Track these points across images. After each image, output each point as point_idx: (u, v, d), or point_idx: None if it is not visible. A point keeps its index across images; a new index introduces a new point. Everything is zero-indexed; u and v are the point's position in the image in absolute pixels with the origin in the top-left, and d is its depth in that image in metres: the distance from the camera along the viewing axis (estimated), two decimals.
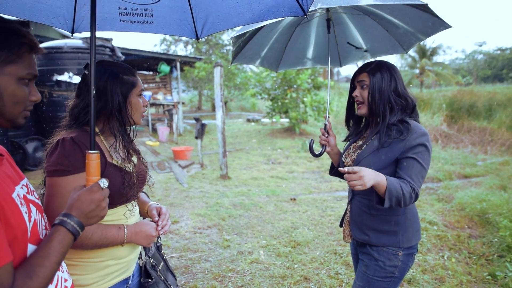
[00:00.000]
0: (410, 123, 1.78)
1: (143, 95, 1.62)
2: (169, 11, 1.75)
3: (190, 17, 1.79)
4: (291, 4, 1.57)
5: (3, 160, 0.99)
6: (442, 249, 4.15)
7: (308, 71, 12.80)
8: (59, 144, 1.35)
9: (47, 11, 1.62)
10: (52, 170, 1.33)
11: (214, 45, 27.20)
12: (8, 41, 0.90)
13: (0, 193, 0.86)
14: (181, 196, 6.35)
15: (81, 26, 1.77)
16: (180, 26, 1.84)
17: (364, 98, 1.89)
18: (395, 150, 1.77)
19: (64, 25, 1.72)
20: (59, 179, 1.32)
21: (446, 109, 13.77)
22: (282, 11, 1.62)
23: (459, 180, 7.27)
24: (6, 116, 0.94)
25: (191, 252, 4.14)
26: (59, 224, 0.97)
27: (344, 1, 1.83)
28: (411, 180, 1.70)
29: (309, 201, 6.06)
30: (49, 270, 0.89)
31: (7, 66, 0.90)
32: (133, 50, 14.03)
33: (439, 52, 36.76)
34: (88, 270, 1.42)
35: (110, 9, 1.66)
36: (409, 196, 1.67)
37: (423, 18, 2.13)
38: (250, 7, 1.64)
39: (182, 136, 14.71)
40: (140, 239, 1.49)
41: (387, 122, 1.81)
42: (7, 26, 0.91)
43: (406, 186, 1.68)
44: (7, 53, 0.90)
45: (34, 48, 0.96)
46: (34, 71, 0.97)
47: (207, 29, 1.84)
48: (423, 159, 1.73)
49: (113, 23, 1.73)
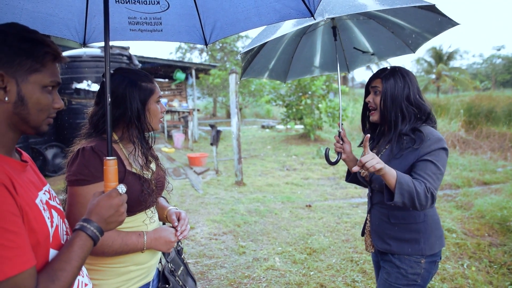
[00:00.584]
0: (423, 131, 1.75)
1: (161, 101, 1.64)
2: (178, 18, 1.78)
3: (199, 24, 1.82)
4: (298, 6, 1.57)
5: (27, 166, 1.02)
6: (462, 257, 4.06)
7: (322, 77, 12.77)
8: (79, 154, 1.38)
9: (59, 24, 1.67)
10: (73, 179, 1.36)
11: (228, 52, 27.40)
12: (32, 50, 0.93)
13: (25, 199, 0.88)
14: (197, 203, 6.39)
15: (92, 37, 1.82)
16: (189, 33, 1.87)
17: (376, 104, 1.88)
18: (410, 159, 1.75)
19: (76, 37, 1.78)
20: (80, 188, 1.35)
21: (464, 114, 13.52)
22: (289, 13, 1.62)
23: (478, 187, 7.12)
24: (30, 123, 0.97)
25: (207, 258, 4.16)
26: (80, 229, 0.99)
27: (350, 9, 1.82)
28: (425, 179, 1.66)
29: (324, 207, 6.02)
30: (70, 274, 0.92)
31: (31, 75, 0.93)
32: (149, 58, 14.26)
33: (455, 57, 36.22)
34: (111, 275, 1.45)
35: (120, 19, 1.71)
36: (424, 195, 1.61)
37: (429, 17, 2.12)
38: (257, 11, 1.66)
39: (197, 142, 14.81)
40: (160, 245, 1.51)
41: (398, 131, 1.80)
42: (32, 36, 0.94)
43: (420, 184, 1.63)
44: (32, 62, 0.93)
45: (58, 57, 0.99)
46: (58, 79, 1.00)
47: (216, 35, 1.86)
48: (438, 160, 1.69)
49: (124, 32, 1.77)
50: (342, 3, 1.87)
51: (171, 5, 1.69)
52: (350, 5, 1.83)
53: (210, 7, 1.74)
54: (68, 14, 1.65)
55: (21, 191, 0.88)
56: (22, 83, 0.92)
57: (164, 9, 1.69)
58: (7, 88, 0.91)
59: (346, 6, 1.83)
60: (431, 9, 1.99)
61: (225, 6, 1.70)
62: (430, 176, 1.67)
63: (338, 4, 1.85)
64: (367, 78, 2.14)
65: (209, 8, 1.74)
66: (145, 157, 1.56)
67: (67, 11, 1.64)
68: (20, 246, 0.81)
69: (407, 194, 1.61)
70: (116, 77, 1.49)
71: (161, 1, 1.66)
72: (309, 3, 1.54)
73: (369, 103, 1.92)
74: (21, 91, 0.92)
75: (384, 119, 1.86)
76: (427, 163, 1.69)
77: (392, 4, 1.81)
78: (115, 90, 1.46)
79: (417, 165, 1.72)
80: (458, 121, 12.94)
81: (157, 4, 1.67)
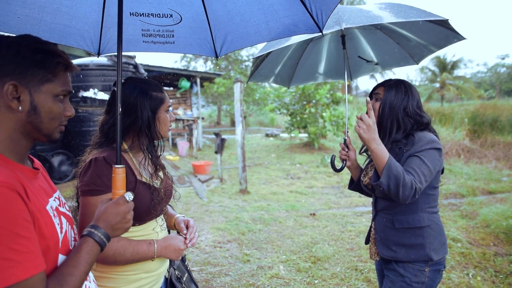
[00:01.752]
0: (415, 135, 1.81)
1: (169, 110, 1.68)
2: (190, 31, 1.83)
3: (210, 37, 1.87)
4: (307, 22, 1.62)
5: (39, 173, 1.05)
6: (467, 267, 4.05)
7: (326, 85, 12.83)
8: (91, 164, 1.40)
9: (75, 35, 1.73)
10: (85, 189, 1.38)
11: (233, 61, 27.58)
12: (45, 61, 0.97)
13: (36, 206, 0.91)
14: (201, 210, 6.41)
15: (107, 48, 1.88)
16: (200, 46, 1.92)
17: (375, 109, 1.94)
18: (403, 160, 1.80)
19: (91, 47, 1.83)
20: (92, 198, 1.37)
21: (468, 123, 13.47)
22: (298, 29, 1.67)
23: (483, 196, 7.09)
24: (43, 131, 1.00)
25: (211, 266, 4.17)
26: (87, 235, 1.02)
27: (367, 20, 1.86)
28: (409, 173, 1.69)
29: (329, 216, 6.02)
30: (78, 279, 0.94)
31: (44, 85, 0.97)
32: (154, 66, 14.39)
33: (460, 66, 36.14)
34: (122, 283, 1.47)
35: (133, 31, 1.76)
36: (410, 187, 1.64)
37: (437, 31, 2.15)
38: (267, 26, 1.70)
39: (201, 150, 14.86)
40: (170, 253, 1.53)
41: (392, 139, 1.86)
42: (44, 47, 0.98)
43: (408, 175, 1.67)
44: (44, 72, 0.96)
45: (69, 67, 1.03)
46: (69, 88, 1.04)
47: (226, 48, 1.91)
48: (426, 157, 1.72)
49: (137, 44, 1.82)
50: (358, 13, 1.91)
51: (184, 18, 1.75)
52: (366, 16, 1.88)
53: (221, 21, 1.79)
54: (84, 25, 1.71)
55: (32, 198, 0.91)
56: (35, 93, 0.96)
57: (176, 22, 1.75)
58: (21, 98, 0.94)
59: (362, 17, 1.87)
60: (443, 23, 2.03)
61: (236, 20, 1.75)
62: (415, 170, 1.70)
63: (353, 15, 1.89)
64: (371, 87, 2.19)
65: (220, 22, 1.79)
66: (154, 166, 1.59)
67: (83, 23, 1.69)
68: (31, 251, 0.84)
69: (393, 179, 1.64)
70: (127, 87, 1.52)
71: (174, 14, 1.71)
72: (317, 19, 1.58)
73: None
74: (34, 101, 0.96)
75: (380, 125, 1.92)
76: (413, 158, 1.74)
77: (406, 17, 1.85)
78: (126, 99, 1.49)
79: (406, 162, 1.76)
80: (462, 130, 12.89)
81: (170, 17, 1.72)
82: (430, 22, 2.05)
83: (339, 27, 1.81)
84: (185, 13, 1.75)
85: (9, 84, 0.92)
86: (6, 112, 0.94)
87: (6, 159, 0.95)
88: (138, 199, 1.44)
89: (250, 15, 1.70)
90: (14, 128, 0.96)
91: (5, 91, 0.92)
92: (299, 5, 1.59)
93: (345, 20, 1.84)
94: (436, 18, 1.91)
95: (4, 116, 0.94)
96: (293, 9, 1.62)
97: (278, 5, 1.64)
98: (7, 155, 0.96)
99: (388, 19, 1.84)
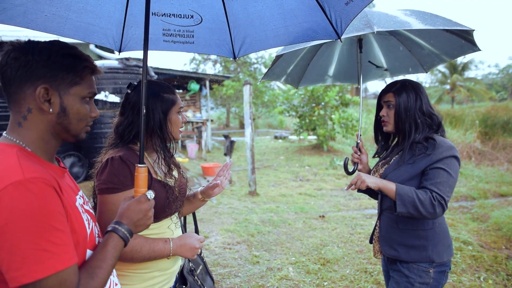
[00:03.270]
0: (436, 139, 1.81)
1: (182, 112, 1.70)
2: (209, 32, 1.87)
3: (229, 38, 1.90)
4: (326, 28, 1.65)
5: (66, 172, 1.10)
6: (478, 270, 4.01)
7: (336, 88, 12.79)
8: (108, 163, 1.44)
9: (99, 33, 1.78)
10: (103, 188, 1.42)
11: (242, 63, 27.65)
12: (74, 65, 1.02)
13: (68, 202, 0.96)
14: (211, 212, 6.44)
15: (128, 46, 1.93)
16: (219, 46, 1.96)
17: (390, 117, 1.93)
18: (421, 165, 1.80)
19: (113, 45, 1.89)
20: (110, 196, 1.41)
21: (480, 125, 13.33)
22: (317, 35, 1.70)
23: (495, 198, 7.02)
24: (71, 132, 1.06)
25: (221, 267, 4.19)
26: (112, 231, 1.07)
27: (396, 25, 1.86)
28: (435, 187, 1.71)
29: (338, 218, 6.01)
30: (106, 272, 0.99)
31: (72, 88, 1.02)
32: (164, 69, 14.49)
33: (471, 67, 35.78)
34: (136, 280, 1.51)
35: (155, 30, 1.80)
36: (429, 203, 1.67)
37: (452, 40, 2.14)
38: (287, 30, 1.73)
39: (210, 152, 14.92)
40: (185, 251, 1.56)
41: (412, 140, 1.85)
42: (73, 52, 1.03)
43: (425, 193, 1.69)
44: (73, 76, 1.02)
45: (95, 71, 1.08)
46: (94, 90, 1.09)
47: (244, 50, 1.94)
48: (451, 168, 1.74)
49: (157, 43, 1.87)
50: (386, 18, 1.91)
51: (204, 19, 1.79)
52: (394, 21, 1.88)
53: (241, 23, 1.82)
54: (108, 24, 1.76)
55: (65, 194, 0.96)
56: (64, 96, 1.01)
57: (197, 23, 1.79)
58: (51, 100, 0.99)
59: (391, 22, 1.88)
60: (463, 33, 2.02)
61: (256, 23, 1.78)
62: (441, 183, 1.72)
63: (382, 19, 1.89)
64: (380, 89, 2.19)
65: (240, 24, 1.83)
66: (167, 165, 1.62)
67: (107, 21, 1.75)
68: (66, 243, 0.89)
69: (409, 204, 1.68)
70: (139, 89, 1.56)
71: (194, 15, 1.76)
72: (336, 26, 1.61)
73: (383, 117, 1.97)
74: (63, 103, 1.01)
75: (398, 130, 1.92)
76: (439, 171, 1.74)
77: (434, 24, 1.85)
78: (138, 101, 1.53)
79: (429, 173, 1.76)
80: (473, 132, 12.77)
81: (191, 18, 1.76)
82: (447, 31, 2.05)
83: (371, 30, 1.81)
84: (205, 14, 1.79)
85: (41, 87, 0.97)
86: (37, 114, 1.00)
87: (39, 158, 1.00)
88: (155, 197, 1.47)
89: (270, 19, 1.73)
90: (45, 129, 1.01)
91: (37, 94, 0.97)
92: (319, 12, 1.62)
93: (375, 24, 1.84)
94: (462, 28, 1.90)
95: (36, 118, 1.00)
96: (313, 16, 1.65)
97: (299, 11, 1.67)
98: (39, 155, 1.01)
99: (416, 26, 1.84)
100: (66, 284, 0.87)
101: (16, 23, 1.51)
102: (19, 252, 0.82)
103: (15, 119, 1.00)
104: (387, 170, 1.92)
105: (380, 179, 1.79)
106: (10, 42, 0.99)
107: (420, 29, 1.88)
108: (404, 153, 1.85)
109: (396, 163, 1.90)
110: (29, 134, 1.00)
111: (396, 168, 1.88)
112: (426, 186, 1.73)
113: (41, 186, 0.87)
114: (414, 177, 1.82)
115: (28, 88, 0.97)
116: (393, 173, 1.88)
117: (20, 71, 0.96)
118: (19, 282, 0.82)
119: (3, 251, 0.82)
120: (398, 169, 1.86)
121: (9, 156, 0.92)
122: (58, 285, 0.86)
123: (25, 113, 0.99)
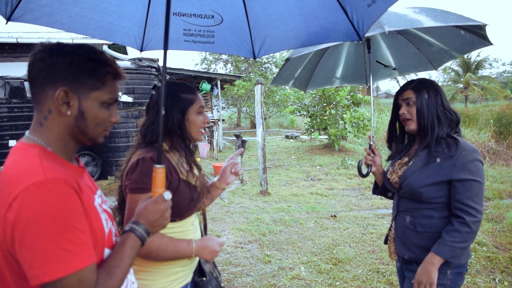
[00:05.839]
0: (458, 140, 1.78)
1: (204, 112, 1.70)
2: (229, 32, 1.88)
3: (249, 39, 1.91)
4: (347, 29, 1.63)
5: (85, 172, 1.13)
6: (493, 271, 3.96)
7: (347, 87, 12.72)
8: (139, 163, 1.47)
9: (121, 32, 1.82)
10: (134, 187, 1.46)
11: (253, 63, 27.65)
12: (96, 70, 1.03)
13: (87, 202, 0.98)
14: (222, 211, 6.48)
15: (149, 45, 1.96)
16: (239, 46, 1.97)
17: (412, 114, 1.88)
18: (445, 168, 1.76)
19: (134, 44, 1.92)
20: (140, 196, 1.43)
21: (494, 124, 13.12)
22: (338, 36, 1.68)
23: (510, 199, 6.91)
24: (88, 135, 1.07)
25: (233, 266, 4.22)
26: (130, 231, 1.09)
27: (406, 24, 1.83)
28: (466, 207, 1.71)
29: (349, 218, 5.99)
30: (123, 271, 1.01)
31: (92, 92, 1.03)
32: (176, 69, 14.60)
33: (485, 66, 35.17)
34: (160, 276, 1.56)
35: (176, 30, 1.83)
36: (465, 230, 1.69)
37: (462, 36, 2.10)
38: (307, 31, 1.73)
39: (222, 152, 14.97)
40: (206, 253, 1.61)
41: (436, 135, 1.82)
42: (97, 57, 1.05)
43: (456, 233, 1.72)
44: (93, 80, 1.03)
45: (118, 76, 1.09)
46: (116, 96, 1.10)
47: (264, 50, 1.94)
48: (479, 175, 1.73)
49: (178, 42, 1.89)
50: (396, 17, 1.87)
51: (225, 19, 1.80)
52: (405, 20, 1.85)
53: (261, 24, 1.82)
54: (130, 24, 1.80)
55: (84, 194, 0.98)
56: (83, 99, 1.02)
57: (217, 23, 1.81)
58: (70, 103, 1.01)
59: (402, 21, 1.84)
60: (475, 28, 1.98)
61: (276, 24, 1.78)
62: (475, 197, 1.72)
63: (392, 18, 1.85)
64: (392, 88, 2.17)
65: (260, 25, 1.83)
66: (188, 164, 1.65)
67: (129, 21, 1.78)
68: (85, 243, 0.91)
69: (458, 250, 1.72)
70: (158, 89, 1.59)
71: (215, 16, 1.77)
72: (358, 28, 1.59)
73: (403, 115, 1.92)
74: (82, 106, 1.02)
75: (421, 127, 1.88)
76: (471, 184, 1.72)
77: (445, 21, 1.81)
78: (157, 101, 1.56)
79: (460, 187, 1.74)
80: (487, 131, 12.58)
81: (212, 18, 1.78)
82: (458, 27, 2.01)
83: (382, 30, 1.78)
84: (226, 14, 1.80)
85: (60, 90, 0.99)
86: (57, 116, 1.02)
87: (59, 158, 1.02)
88: (181, 197, 1.53)
89: (290, 19, 1.73)
90: (63, 130, 1.03)
91: (57, 96, 0.99)
92: (340, 13, 1.60)
93: (386, 23, 1.80)
94: (475, 23, 1.85)
95: (55, 119, 1.02)
96: (334, 17, 1.64)
97: (320, 12, 1.66)
98: (59, 154, 1.03)
99: (428, 23, 1.81)
100: (85, 282, 0.89)
101: (42, 23, 1.55)
102: (41, 251, 0.84)
103: (38, 118, 1.03)
104: (407, 172, 1.88)
105: (428, 273, 1.76)
106: (41, 43, 1.01)
107: (430, 26, 1.85)
108: (431, 149, 1.81)
109: (419, 164, 1.85)
110: (49, 134, 1.02)
111: (417, 170, 1.83)
112: (461, 201, 1.72)
113: (62, 186, 0.89)
114: (438, 184, 1.78)
115: (49, 89, 0.99)
116: (413, 175, 1.84)
117: (43, 72, 0.98)
118: (40, 280, 0.84)
119: (25, 250, 0.84)
120: (420, 171, 1.82)
121: (31, 156, 0.94)
122: (77, 283, 0.87)
123: (45, 113, 1.01)
